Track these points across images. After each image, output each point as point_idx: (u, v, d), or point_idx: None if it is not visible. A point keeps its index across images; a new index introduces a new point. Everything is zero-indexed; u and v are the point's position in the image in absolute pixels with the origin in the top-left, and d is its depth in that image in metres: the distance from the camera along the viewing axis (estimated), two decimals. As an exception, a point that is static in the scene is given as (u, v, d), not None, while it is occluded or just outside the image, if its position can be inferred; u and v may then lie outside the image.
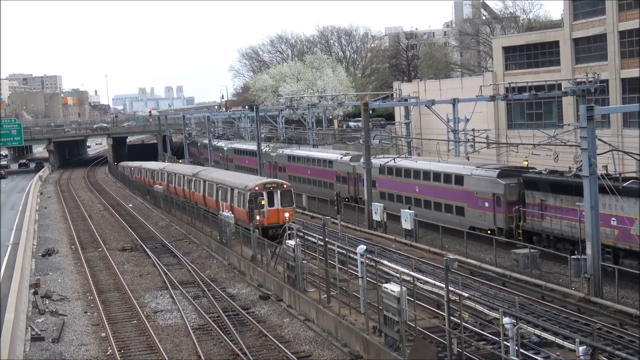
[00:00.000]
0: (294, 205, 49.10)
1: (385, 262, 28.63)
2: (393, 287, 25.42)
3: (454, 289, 23.63)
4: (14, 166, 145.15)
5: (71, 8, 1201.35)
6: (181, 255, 49.58)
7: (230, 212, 48.68)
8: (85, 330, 34.03)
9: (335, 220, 49.31)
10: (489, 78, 70.62)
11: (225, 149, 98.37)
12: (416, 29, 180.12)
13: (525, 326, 21.49)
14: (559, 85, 48.93)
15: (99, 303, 38.05)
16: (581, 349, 18.22)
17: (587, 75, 35.23)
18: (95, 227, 64.68)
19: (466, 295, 23.70)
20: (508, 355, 20.54)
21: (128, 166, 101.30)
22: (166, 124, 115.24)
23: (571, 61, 64.28)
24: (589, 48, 63.29)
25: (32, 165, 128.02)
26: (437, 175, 50.30)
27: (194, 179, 63.22)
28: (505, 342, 20.98)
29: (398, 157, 55.83)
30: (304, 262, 34.37)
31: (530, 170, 44.27)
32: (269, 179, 52.21)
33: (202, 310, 35.49)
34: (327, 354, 28.81)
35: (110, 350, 30.66)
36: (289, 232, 38.79)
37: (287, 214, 46.61)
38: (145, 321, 34.27)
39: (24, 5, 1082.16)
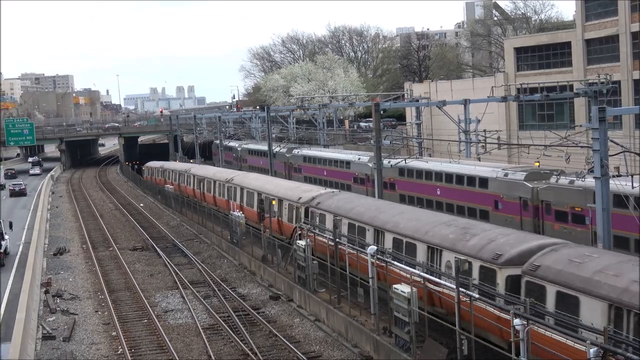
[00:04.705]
0: None
1: (396, 262, 28.53)
2: (403, 288, 25.42)
3: (464, 290, 23.58)
4: (27, 165, 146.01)
5: (83, 8, 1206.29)
6: (192, 255, 49.69)
7: None
8: (96, 329, 34.15)
9: None
10: (501, 79, 70.48)
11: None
12: (427, 29, 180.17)
13: (536, 327, 21.40)
14: (571, 87, 48.84)
15: (109, 302, 38.17)
16: (592, 350, 18.13)
17: (599, 77, 35.13)
18: (107, 227, 64.89)
19: (476, 296, 23.64)
20: (518, 357, 20.48)
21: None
22: (177, 124, 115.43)
23: (583, 62, 64.04)
24: (601, 49, 63.05)
25: (37, 169, 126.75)
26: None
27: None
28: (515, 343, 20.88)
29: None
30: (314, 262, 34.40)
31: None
32: None
33: (213, 310, 35.56)
34: (337, 354, 28.82)
35: (121, 350, 30.75)
36: (300, 232, 38.79)
37: None
38: (156, 320, 34.37)
39: (36, 5, 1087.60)
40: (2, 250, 47.28)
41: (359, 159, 59.82)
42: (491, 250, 24.72)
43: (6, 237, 49.43)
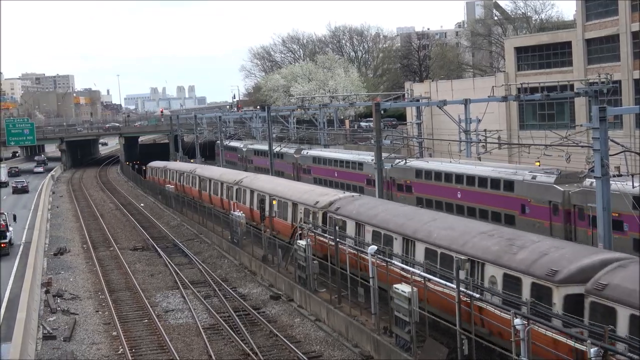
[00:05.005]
0: None
1: (396, 262, 28.52)
2: (404, 288, 25.41)
3: (465, 290, 23.57)
4: (31, 165, 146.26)
5: (83, 8, 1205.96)
6: (192, 255, 49.69)
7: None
8: (97, 329, 34.16)
9: None
10: (501, 78, 70.41)
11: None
12: (428, 29, 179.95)
13: (537, 327, 21.39)
14: (571, 86, 48.76)
15: (110, 302, 38.18)
16: (592, 350, 18.12)
17: (599, 76, 35.07)
18: (107, 227, 64.89)
19: (477, 296, 23.63)
20: (519, 357, 20.47)
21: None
22: (178, 124, 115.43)
23: (583, 62, 63.99)
24: (602, 49, 62.98)
25: (40, 168, 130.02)
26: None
27: None
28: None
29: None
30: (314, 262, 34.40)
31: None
32: None
33: (213, 310, 35.56)
34: (337, 354, 28.82)
35: (122, 350, 30.76)
36: (300, 232, 38.76)
37: None
38: (157, 320, 34.38)
39: (36, 5, 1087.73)
40: (7, 241, 50.18)
41: (373, 159, 58.61)
42: (545, 266, 22.26)
43: (10, 228, 52.27)
